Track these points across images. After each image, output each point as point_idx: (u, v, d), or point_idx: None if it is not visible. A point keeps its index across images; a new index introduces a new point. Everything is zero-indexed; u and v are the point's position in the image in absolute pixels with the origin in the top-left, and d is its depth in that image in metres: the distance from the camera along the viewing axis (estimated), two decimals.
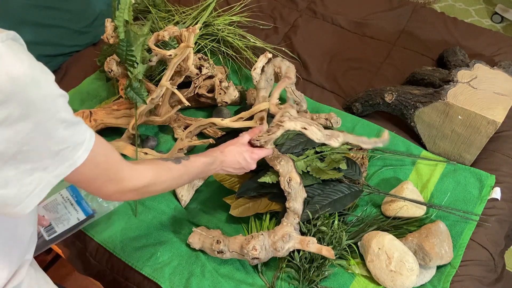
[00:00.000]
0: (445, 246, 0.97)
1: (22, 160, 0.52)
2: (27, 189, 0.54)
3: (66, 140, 0.55)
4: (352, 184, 1.08)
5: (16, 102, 0.48)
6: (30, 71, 0.49)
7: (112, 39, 1.11)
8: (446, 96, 1.13)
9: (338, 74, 1.46)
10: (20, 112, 0.48)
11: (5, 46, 0.48)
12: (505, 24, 2.66)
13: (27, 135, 0.50)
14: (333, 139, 0.92)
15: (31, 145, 0.52)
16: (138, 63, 1.10)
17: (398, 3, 1.68)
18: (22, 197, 0.54)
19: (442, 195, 1.12)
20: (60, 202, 1.07)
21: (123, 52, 1.09)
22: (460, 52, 1.40)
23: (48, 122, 0.52)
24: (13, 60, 0.48)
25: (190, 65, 1.12)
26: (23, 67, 0.48)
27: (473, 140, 1.14)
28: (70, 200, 1.07)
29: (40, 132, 0.52)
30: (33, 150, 0.52)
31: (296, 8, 1.69)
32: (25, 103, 0.49)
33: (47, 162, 0.54)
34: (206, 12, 1.48)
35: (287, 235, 0.93)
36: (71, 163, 0.57)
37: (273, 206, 1.07)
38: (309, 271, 0.97)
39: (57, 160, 0.55)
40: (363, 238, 1.01)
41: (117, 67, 1.13)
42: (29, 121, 0.50)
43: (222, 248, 0.97)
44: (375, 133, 1.25)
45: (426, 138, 1.22)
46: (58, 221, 1.05)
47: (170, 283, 1.00)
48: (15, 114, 0.48)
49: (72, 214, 1.06)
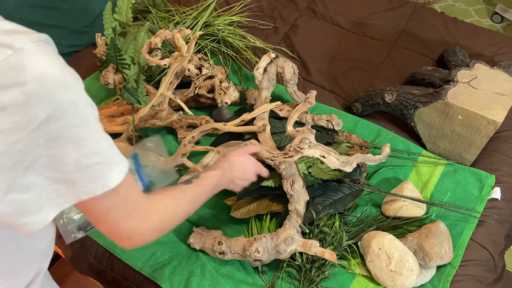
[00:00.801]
0: (445, 246, 0.97)
1: (46, 166, 0.49)
2: (49, 197, 0.51)
3: (97, 154, 0.51)
4: (353, 184, 1.08)
5: (43, 104, 0.45)
6: (60, 74, 0.47)
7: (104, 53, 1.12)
8: (446, 96, 1.13)
9: (338, 74, 1.46)
10: (46, 115, 0.46)
11: (36, 46, 0.46)
12: (505, 24, 2.66)
13: (53, 140, 0.47)
14: (348, 166, 0.97)
15: (57, 152, 0.48)
16: (134, 64, 1.11)
17: (398, 3, 1.68)
18: (42, 204, 0.51)
19: (442, 195, 1.12)
20: None
21: (113, 57, 1.09)
22: (460, 52, 1.40)
23: (76, 129, 0.49)
24: (43, 61, 0.46)
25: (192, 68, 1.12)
26: (52, 69, 0.46)
27: (473, 140, 1.14)
28: (132, 169, 1.01)
29: (67, 139, 0.48)
30: (59, 158, 0.49)
31: (296, 8, 1.69)
32: (52, 106, 0.46)
33: (75, 176, 0.50)
34: (206, 12, 1.48)
35: (289, 238, 0.93)
36: (103, 183, 0.52)
37: (274, 207, 1.07)
38: (310, 271, 0.97)
39: (87, 175, 0.51)
40: (363, 238, 1.01)
41: (113, 78, 1.14)
42: (55, 125, 0.47)
43: (224, 249, 0.98)
44: (375, 133, 1.25)
45: (426, 138, 1.22)
46: None
47: (170, 283, 1.00)
48: (41, 116, 0.45)
49: None
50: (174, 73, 1.14)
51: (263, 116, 1.18)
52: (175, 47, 1.12)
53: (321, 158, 0.95)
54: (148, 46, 1.10)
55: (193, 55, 1.30)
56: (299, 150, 0.96)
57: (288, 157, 0.98)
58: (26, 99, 0.44)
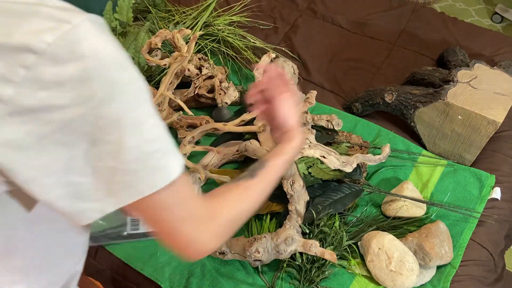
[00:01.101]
0: (445, 246, 0.97)
1: (106, 152, 0.45)
2: (109, 187, 0.46)
3: (156, 140, 0.47)
4: (353, 183, 1.08)
5: (101, 82, 0.43)
6: (117, 54, 0.45)
7: None
8: (446, 96, 1.13)
9: (338, 74, 1.46)
10: (104, 94, 0.43)
11: (93, 24, 0.44)
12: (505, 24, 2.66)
13: (112, 123, 0.44)
14: (348, 166, 0.97)
15: (116, 137, 0.45)
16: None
17: (398, 3, 1.68)
18: (101, 193, 0.46)
19: (442, 195, 1.12)
20: None
21: None
22: (460, 52, 1.40)
23: (134, 112, 0.45)
24: (101, 39, 0.44)
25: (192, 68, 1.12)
26: (110, 48, 0.44)
27: (473, 140, 1.14)
28: None
29: (126, 123, 0.45)
30: (119, 144, 0.45)
31: (296, 8, 1.69)
32: (110, 85, 0.43)
33: (137, 166, 0.46)
34: (206, 12, 1.48)
35: (290, 238, 0.93)
36: (165, 175, 0.47)
37: (274, 206, 1.07)
38: (310, 272, 0.97)
39: (149, 165, 0.47)
40: (363, 238, 1.01)
41: None
42: (114, 106, 0.44)
43: (223, 249, 0.98)
44: (375, 133, 1.25)
45: (426, 138, 1.22)
46: None
47: (170, 283, 1.00)
48: (99, 94, 0.43)
49: None
50: (174, 73, 1.14)
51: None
52: (175, 47, 1.12)
53: (321, 158, 0.95)
54: (148, 46, 1.10)
55: (193, 55, 1.30)
56: (300, 150, 0.96)
57: None
58: (85, 75, 0.42)
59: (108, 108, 0.44)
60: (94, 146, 0.44)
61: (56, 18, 0.42)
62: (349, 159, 0.98)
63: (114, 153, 0.45)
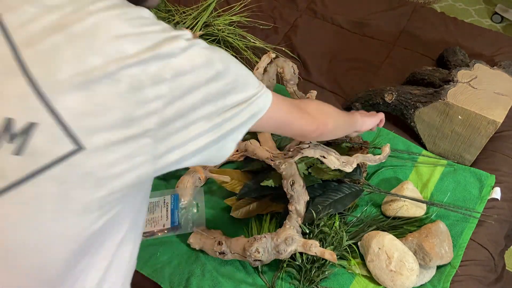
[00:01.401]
0: (445, 246, 0.97)
1: (236, 88, 0.58)
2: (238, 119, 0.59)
3: (249, 74, 0.62)
4: (353, 184, 1.08)
5: (218, 61, 0.56)
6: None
7: None
8: (446, 96, 1.13)
9: (338, 74, 1.46)
10: (222, 68, 0.55)
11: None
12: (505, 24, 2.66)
13: (236, 77, 0.58)
14: (348, 166, 0.98)
15: (235, 79, 0.58)
16: None
17: (398, 3, 1.68)
18: (236, 123, 0.59)
19: (442, 195, 1.12)
20: (160, 205, 1.11)
21: None
22: (460, 52, 1.40)
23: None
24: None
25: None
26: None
27: (473, 140, 1.14)
28: (168, 206, 1.11)
29: (237, 63, 0.60)
30: (239, 79, 0.59)
31: (296, 8, 1.69)
32: (224, 61, 0.57)
33: (251, 90, 0.60)
34: (206, 12, 1.48)
35: (290, 238, 0.93)
36: (266, 96, 0.64)
37: (274, 207, 1.07)
38: (310, 272, 0.97)
39: (259, 85, 0.62)
40: (363, 238, 1.01)
41: None
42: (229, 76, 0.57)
43: (224, 249, 0.98)
44: (375, 133, 1.25)
45: (426, 138, 1.22)
46: (148, 221, 1.08)
47: (170, 283, 1.00)
48: (220, 70, 0.55)
49: (162, 220, 1.08)
50: None
51: None
52: None
53: (321, 158, 0.95)
54: None
55: None
56: (299, 150, 0.96)
57: (288, 157, 0.98)
58: (208, 60, 0.55)
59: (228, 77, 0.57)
60: (225, 98, 0.57)
61: (174, 35, 0.53)
62: (349, 159, 0.98)
63: (238, 87, 0.59)
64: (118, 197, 0.51)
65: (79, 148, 0.46)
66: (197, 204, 1.12)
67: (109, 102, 0.47)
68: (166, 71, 0.49)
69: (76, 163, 0.47)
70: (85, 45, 0.47)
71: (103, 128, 0.47)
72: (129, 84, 0.47)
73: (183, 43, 0.51)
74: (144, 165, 0.51)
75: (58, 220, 0.49)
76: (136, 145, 0.49)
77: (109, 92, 0.47)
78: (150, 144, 0.50)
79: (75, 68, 0.46)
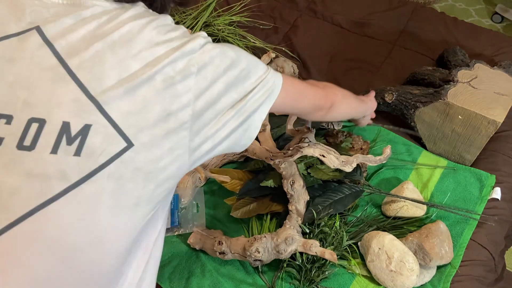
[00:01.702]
0: (445, 246, 0.97)
1: (250, 72, 0.62)
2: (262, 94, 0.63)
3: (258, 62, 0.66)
4: (353, 184, 1.08)
5: (230, 52, 0.61)
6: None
7: None
8: (446, 96, 1.13)
9: (338, 74, 1.46)
10: (235, 58, 0.60)
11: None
12: (505, 24, 2.66)
13: (247, 66, 0.62)
14: (347, 166, 0.97)
15: (246, 67, 0.62)
16: None
17: (398, 3, 1.68)
18: (257, 105, 0.63)
19: (443, 195, 1.12)
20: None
21: None
22: (460, 52, 1.40)
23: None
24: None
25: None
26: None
27: (473, 140, 1.14)
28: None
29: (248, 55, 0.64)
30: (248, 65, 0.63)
31: (296, 8, 1.69)
32: (233, 50, 0.61)
33: (261, 70, 0.64)
34: (206, 12, 1.48)
35: (290, 238, 0.93)
36: (277, 77, 0.67)
37: (274, 206, 1.07)
38: (310, 271, 0.97)
39: (269, 75, 0.65)
40: (363, 238, 1.01)
41: None
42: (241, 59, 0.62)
43: (224, 249, 0.97)
44: (375, 133, 1.25)
45: (426, 138, 1.22)
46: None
47: (170, 283, 1.00)
48: (233, 59, 0.60)
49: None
50: None
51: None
52: None
53: (321, 157, 0.95)
54: None
55: None
56: (299, 149, 0.96)
57: (287, 156, 0.98)
58: (221, 51, 0.59)
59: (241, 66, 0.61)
60: (242, 83, 0.61)
61: (194, 35, 0.59)
62: (348, 158, 0.98)
63: (249, 75, 0.63)
64: (162, 191, 0.56)
65: (130, 145, 0.51)
66: (197, 204, 1.12)
67: (149, 100, 0.52)
68: (192, 64, 0.55)
69: (127, 160, 0.51)
70: (125, 51, 0.52)
71: (147, 124, 0.52)
72: (163, 81, 0.53)
73: (202, 40, 0.57)
74: (183, 157, 0.56)
75: (115, 215, 0.52)
76: (176, 138, 0.54)
77: (148, 91, 0.52)
78: (187, 136, 0.55)
79: (119, 73, 0.51)
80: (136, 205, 0.53)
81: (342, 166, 0.96)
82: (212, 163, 1.16)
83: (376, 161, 1.03)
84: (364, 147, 1.18)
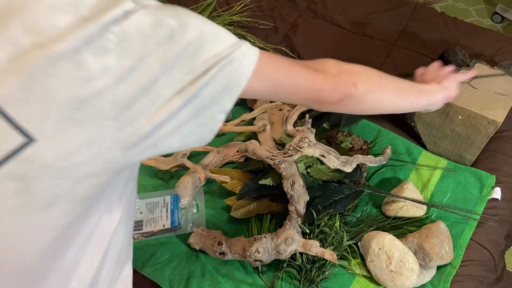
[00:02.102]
0: (445, 246, 0.97)
1: (203, 47, 0.50)
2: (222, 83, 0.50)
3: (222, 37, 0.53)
4: (353, 184, 1.08)
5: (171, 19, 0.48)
6: None
7: None
8: None
9: None
10: (177, 26, 0.48)
11: None
12: (505, 24, 2.67)
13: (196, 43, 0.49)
14: (347, 166, 0.97)
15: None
16: None
17: (398, 3, 1.68)
18: (216, 94, 0.50)
19: (443, 195, 1.12)
20: (160, 205, 1.10)
21: None
22: (461, 52, 1.40)
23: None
24: None
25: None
26: None
27: (473, 140, 1.14)
28: (167, 206, 1.10)
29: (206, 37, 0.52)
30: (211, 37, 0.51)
31: (296, 8, 1.69)
32: (179, 14, 0.49)
33: (224, 46, 0.50)
34: (206, 12, 1.48)
35: (290, 238, 0.93)
36: (251, 55, 0.53)
37: (274, 207, 1.07)
38: (310, 272, 0.97)
39: (237, 54, 0.51)
40: (363, 238, 1.01)
41: None
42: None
43: (224, 249, 0.97)
44: (375, 133, 1.25)
45: (426, 138, 1.22)
46: (148, 221, 1.07)
47: (170, 283, 1.00)
48: (175, 28, 0.48)
49: (162, 220, 1.08)
50: None
51: (263, 116, 1.18)
52: None
53: (321, 157, 0.95)
54: None
55: None
56: (299, 149, 0.96)
57: (287, 156, 0.97)
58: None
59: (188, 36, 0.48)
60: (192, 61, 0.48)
61: None
62: (348, 159, 0.98)
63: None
64: (88, 188, 0.48)
65: (30, 141, 0.42)
66: (197, 204, 1.12)
67: (52, 85, 0.41)
68: (109, 39, 0.42)
69: (30, 158, 0.43)
70: (17, 22, 0.40)
71: (51, 115, 0.42)
72: (70, 61, 0.41)
73: (128, 5, 0.44)
74: (110, 151, 0.46)
75: (24, 216, 0.46)
76: (93, 129, 0.44)
77: (48, 73, 0.41)
78: (111, 127, 0.45)
79: (7, 51, 0.40)
80: (52, 204, 0.46)
81: (342, 166, 0.96)
82: (212, 163, 1.16)
83: (376, 161, 1.03)
84: (364, 147, 1.18)
